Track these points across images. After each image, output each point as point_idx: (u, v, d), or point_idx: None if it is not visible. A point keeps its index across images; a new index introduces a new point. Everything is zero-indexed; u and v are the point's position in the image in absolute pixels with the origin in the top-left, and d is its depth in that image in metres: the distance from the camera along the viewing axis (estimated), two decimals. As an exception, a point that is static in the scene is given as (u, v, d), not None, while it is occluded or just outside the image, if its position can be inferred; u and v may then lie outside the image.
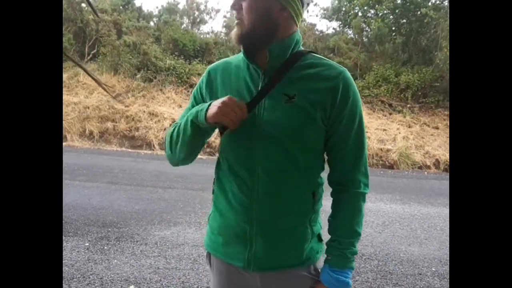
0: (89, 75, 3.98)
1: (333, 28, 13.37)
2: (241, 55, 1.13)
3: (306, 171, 1.07)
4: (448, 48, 9.27)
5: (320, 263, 1.17)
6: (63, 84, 9.34)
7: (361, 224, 1.11)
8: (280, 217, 1.08)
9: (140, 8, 13.57)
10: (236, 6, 1.04)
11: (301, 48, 1.12)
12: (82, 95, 9.39)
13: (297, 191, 1.08)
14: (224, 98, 0.99)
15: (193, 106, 1.14)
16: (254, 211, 1.06)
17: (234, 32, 1.05)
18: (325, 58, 1.11)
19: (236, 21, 1.05)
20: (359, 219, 1.11)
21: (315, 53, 1.12)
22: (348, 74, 1.07)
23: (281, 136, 1.03)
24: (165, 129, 8.68)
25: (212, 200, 1.19)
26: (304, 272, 1.13)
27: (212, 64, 1.17)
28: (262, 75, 1.06)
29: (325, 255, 1.13)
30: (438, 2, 11.35)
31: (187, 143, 1.10)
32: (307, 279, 1.13)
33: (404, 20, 11.61)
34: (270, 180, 1.05)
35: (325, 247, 1.16)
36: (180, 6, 14.04)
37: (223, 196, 1.12)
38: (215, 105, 1.00)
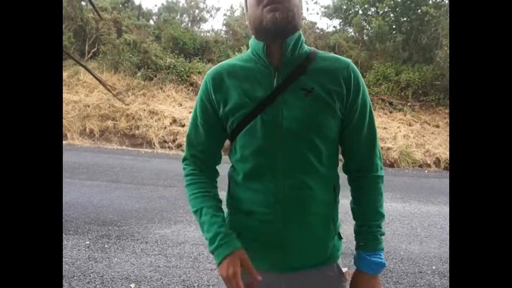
0: (90, 73, 3.98)
1: (334, 26, 13.40)
2: (244, 55, 1.11)
3: (328, 164, 1.07)
4: (449, 46, 9.26)
5: (341, 261, 1.17)
6: (63, 83, 9.34)
7: (383, 206, 1.13)
8: (306, 215, 1.06)
9: (139, 7, 13.56)
10: None
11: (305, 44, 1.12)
12: (82, 94, 9.39)
13: (322, 185, 1.07)
14: (230, 277, 0.96)
15: (204, 115, 1.12)
16: (279, 211, 1.04)
17: (277, 17, 0.97)
18: (329, 53, 1.12)
19: (274, 5, 0.97)
20: (381, 202, 1.12)
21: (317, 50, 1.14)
22: (355, 67, 1.09)
23: (303, 130, 1.02)
24: (165, 128, 8.69)
25: (227, 205, 1.16)
26: (328, 271, 1.12)
27: (212, 69, 1.12)
28: (275, 71, 1.05)
29: (357, 242, 1.14)
30: (438, 0, 11.33)
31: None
32: (330, 278, 1.12)
33: (405, 18, 11.59)
34: (294, 175, 1.03)
35: (345, 240, 1.18)
36: (180, 4, 14.02)
37: (244, 197, 1.10)
38: (222, 273, 0.98)
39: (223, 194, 1.15)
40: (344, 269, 1.16)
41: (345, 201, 1.20)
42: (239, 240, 1.04)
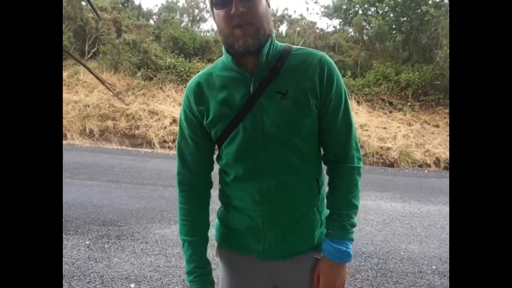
0: (91, 72, 3.98)
1: (334, 26, 13.39)
2: (218, 64, 1.14)
3: (310, 160, 1.11)
4: (449, 46, 9.26)
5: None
6: (63, 83, 9.34)
7: (358, 198, 1.14)
8: (290, 209, 1.11)
9: (139, 6, 13.56)
10: (242, 8, 0.98)
11: (277, 42, 1.12)
12: (82, 94, 9.39)
13: (304, 181, 1.12)
14: None
15: (191, 127, 1.15)
16: (265, 206, 1.10)
17: (245, 40, 1.00)
18: (302, 48, 1.13)
19: (240, 28, 1.00)
20: (356, 193, 1.14)
21: (291, 45, 1.14)
22: (328, 57, 1.10)
23: (283, 133, 1.06)
24: (165, 128, 8.69)
25: (219, 199, 1.23)
26: (315, 255, 1.16)
27: (191, 82, 1.15)
28: (251, 77, 1.07)
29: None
30: (438, 0, 11.33)
31: None
32: (312, 264, 1.16)
33: (405, 18, 11.59)
34: (278, 175, 1.08)
35: None
36: (180, 4, 14.03)
37: (234, 195, 1.15)
38: None
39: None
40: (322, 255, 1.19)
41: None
42: (230, 229, 1.19)
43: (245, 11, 0.98)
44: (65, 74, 9.68)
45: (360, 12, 12.31)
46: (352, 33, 12.87)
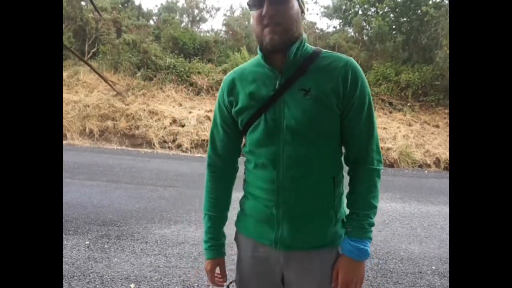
0: (94, 70, 3.99)
1: (334, 27, 13.40)
2: (254, 60, 1.25)
3: (326, 156, 1.17)
4: (448, 47, 9.25)
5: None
6: (63, 83, 9.33)
7: (376, 198, 1.19)
8: (303, 201, 1.17)
9: (139, 7, 13.56)
10: (272, 11, 1.08)
11: (307, 45, 1.20)
12: (82, 94, 9.39)
13: (319, 176, 1.17)
14: (207, 271, 1.43)
15: (222, 116, 1.28)
16: (280, 196, 1.17)
17: (273, 37, 1.10)
18: (331, 52, 1.20)
19: (271, 27, 1.09)
20: (375, 194, 1.19)
21: (322, 49, 1.22)
22: (355, 62, 1.16)
23: (301, 128, 1.13)
24: (165, 128, 8.69)
25: (243, 188, 1.33)
26: (326, 253, 1.21)
27: (228, 75, 1.28)
28: (278, 74, 1.16)
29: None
30: (438, 0, 11.32)
31: None
32: (329, 260, 1.21)
33: (405, 19, 11.59)
34: (294, 167, 1.15)
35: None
36: (180, 5, 14.03)
37: (254, 183, 1.24)
38: (205, 267, 1.44)
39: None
40: None
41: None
42: (249, 217, 1.30)
43: (274, 13, 1.08)
44: (65, 74, 9.67)
45: (360, 12, 12.31)
46: (352, 34, 12.87)
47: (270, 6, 1.08)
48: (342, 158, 1.24)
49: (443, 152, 8.38)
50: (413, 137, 8.89)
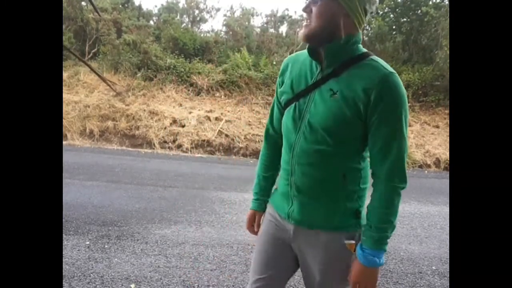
0: (93, 71, 3.99)
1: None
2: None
3: (335, 154, 1.24)
4: (449, 47, 9.24)
5: (355, 236, 1.31)
6: (64, 83, 9.33)
7: (392, 214, 1.24)
8: (310, 187, 1.29)
9: (139, 7, 13.55)
10: (307, 10, 1.21)
11: (360, 47, 1.25)
12: (82, 94, 9.38)
13: (326, 171, 1.26)
14: (247, 219, 1.58)
15: (276, 92, 1.45)
16: (293, 177, 1.31)
17: (302, 32, 1.23)
18: (380, 61, 1.22)
19: (304, 23, 1.23)
20: (390, 210, 1.24)
21: (375, 56, 1.25)
22: (392, 78, 1.17)
23: (319, 126, 1.22)
24: (165, 128, 8.69)
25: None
26: (330, 236, 1.30)
27: (287, 57, 1.42)
28: (319, 70, 1.26)
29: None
30: (438, 0, 11.32)
31: None
32: (334, 244, 1.30)
33: (405, 19, 11.58)
34: (303, 156, 1.27)
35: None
36: (180, 5, 14.03)
37: (282, 162, 1.39)
38: (247, 215, 1.59)
39: (222, 194, 1.19)
40: (351, 242, 1.30)
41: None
42: (276, 189, 1.47)
43: (309, 12, 1.20)
44: (65, 74, 9.67)
45: (360, 12, 12.29)
46: (352, 34, 12.85)
47: (308, 6, 1.21)
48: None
49: (443, 153, 8.38)
50: (413, 138, 8.89)
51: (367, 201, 1.33)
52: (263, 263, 1.45)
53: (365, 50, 1.26)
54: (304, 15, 1.23)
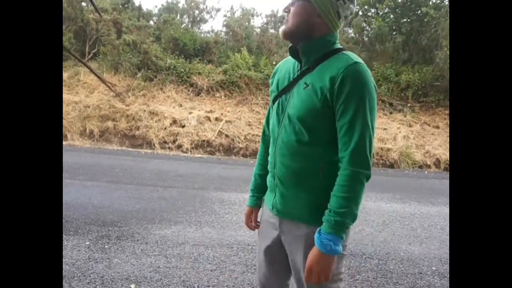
0: (93, 72, 3.99)
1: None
2: None
3: (312, 145, 1.31)
4: (449, 47, 9.24)
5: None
6: (64, 84, 9.33)
7: (352, 201, 1.24)
8: (289, 178, 1.36)
9: (139, 7, 13.55)
10: (286, 10, 1.33)
11: (337, 46, 1.34)
12: (82, 94, 9.39)
13: (304, 162, 1.33)
14: (245, 215, 1.67)
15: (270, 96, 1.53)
16: (275, 169, 1.41)
17: (281, 29, 1.36)
18: (349, 54, 1.30)
19: (284, 21, 1.35)
20: (349, 195, 1.24)
21: (347, 51, 1.33)
22: (356, 67, 1.24)
23: (294, 116, 1.32)
24: (165, 128, 8.69)
25: None
26: (312, 230, 1.32)
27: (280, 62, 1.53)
28: (298, 68, 1.36)
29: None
30: (438, 1, 11.32)
31: None
32: (302, 235, 1.35)
33: (405, 19, 11.58)
34: (283, 148, 1.36)
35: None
36: (180, 5, 14.02)
37: (268, 157, 1.48)
38: (245, 212, 1.68)
39: (222, 195, 1.19)
40: None
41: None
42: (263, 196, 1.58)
43: (288, 12, 1.32)
44: (65, 75, 9.67)
45: (360, 13, 12.30)
46: (352, 34, 12.86)
47: (289, 6, 1.32)
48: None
49: (443, 153, 8.38)
50: (413, 138, 8.89)
51: None
52: (262, 262, 1.53)
53: (340, 46, 1.34)
54: (286, 15, 1.34)
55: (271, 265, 1.51)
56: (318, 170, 1.31)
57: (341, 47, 1.34)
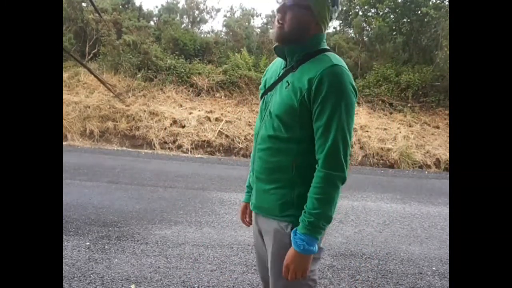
0: (92, 73, 4.00)
1: (334, 28, 13.30)
2: None
3: (288, 142, 1.33)
4: (449, 48, 9.24)
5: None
6: (64, 84, 9.34)
7: (325, 202, 1.26)
8: (263, 170, 1.40)
9: (140, 8, 13.55)
10: (281, 11, 1.31)
11: (323, 45, 1.35)
12: (82, 95, 9.39)
13: (279, 157, 1.35)
14: (240, 211, 1.71)
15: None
16: (254, 164, 1.46)
17: (275, 32, 1.34)
18: (331, 55, 1.31)
19: (277, 24, 1.32)
20: (322, 197, 1.26)
21: (330, 52, 1.34)
22: (333, 69, 1.25)
23: (275, 114, 1.34)
24: (165, 129, 8.70)
25: None
26: (281, 226, 1.36)
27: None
28: (284, 67, 1.39)
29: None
30: (438, 1, 11.31)
31: None
32: (281, 233, 1.36)
33: (405, 19, 11.58)
34: (261, 143, 1.40)
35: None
36: (180, 6, 14.02)
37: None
38: (240, 210, 1.72)
39: (222, 195, 1.20)
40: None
41: (344, 202, 1.22)
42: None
43: (283, 13, 1.30)
44: (65, 75, 9.67)
45: (360, 13, 12.30)
46: (352, 34, 12.85)
47: (280, 8, 1.31)
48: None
49: (444, 153, 8.37)
50: (413, 138, 8.89)
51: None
52: (256, 258, 1.60)
53: (326, 47, 1.35)
54: (277, 15, 1.32)
55: (260, 259, 1.56)
56: (291, 166, 1.32)
57: (326, 47, 1.35)
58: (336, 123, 1.23)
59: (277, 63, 1.47)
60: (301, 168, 1.32)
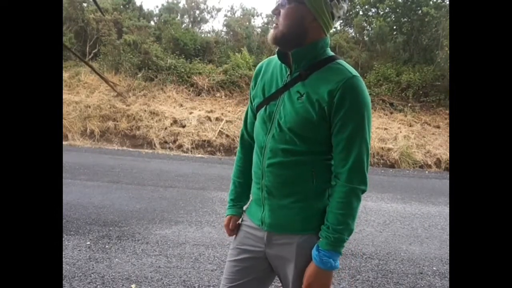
0: (95, 71, 3.99)
1: (334, 27, 13.30)
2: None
3: (303, 153, 1.25)
4: (449, 47, 9.22)
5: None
6: (65, 84, 9.35)
7: (350, 216, 1.22)
8: (280, 185, 1.29)
9: (140, 7, 13.56)
10: (276, 12, 1.24)
11: (328, 51, 1.28)
12: (83, 94, 9.40)
13: (296, 169, 1.26)
14: (225, 225, 1.50)
15: (250, 96, 1.45)
16: (263, 180, 1.32)
17: (270, 34, 1.25)
18: (344, 65, 1.25)
19: (274, 25, 1.25)
20: (347, 212, 1.22)
21: (340, 59, 1.28)
22: (354, 82, 1.19)
23: (285, 125, 1.25)
24: (166, 128, 8.70)
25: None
26: (304, 239, 1.28)
27: (260, 63, 1.43)
28: (288, 74, 1.28)
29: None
30: (439, 1, 11.31)
31: None
32: (307, 246, 1.27)
33: (405, 19, 11.57)
34: (272, 156, 1.28)
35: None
36: (181, 5, 14.02)
37: (253, 167, 1.38)
38: (224, 222, 1.51)
39: (223, 194, 1.20)
40: None
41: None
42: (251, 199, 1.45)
43: (278, 14, 1.23)
44: (66, 75, 9.68)
45: (361, 13, 12.29)
46: (353, 34, 12.85)
47: (277, 8, 1.23)
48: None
49: (444, 153, 8.37)
50: (414, 138, 8.88)
51: None
52: (234, 272, 1.39)
53: (332, 53, 1.29)
54: (274, 18, 1.26)
55: (246, 275, 1.38)
56: (311, 176, 1.26)
57: (333, 54, 1.29)
58: (360, 138, 1.20)
59: (275, 67, 1.35)
60: (322, 176, 1.27)
